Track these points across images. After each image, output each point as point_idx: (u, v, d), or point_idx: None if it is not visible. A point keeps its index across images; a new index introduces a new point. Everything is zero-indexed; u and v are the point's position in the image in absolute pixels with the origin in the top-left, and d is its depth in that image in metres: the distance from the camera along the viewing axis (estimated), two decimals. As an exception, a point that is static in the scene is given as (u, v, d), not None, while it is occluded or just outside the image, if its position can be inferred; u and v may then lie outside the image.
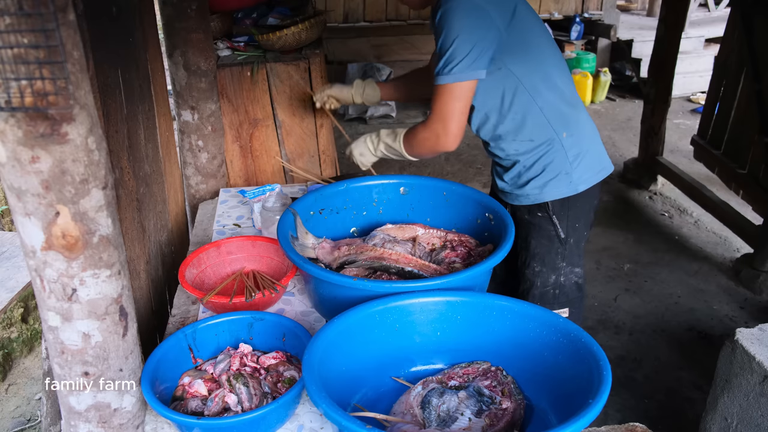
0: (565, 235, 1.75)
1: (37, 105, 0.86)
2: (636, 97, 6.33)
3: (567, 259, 1.78)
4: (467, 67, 1.51)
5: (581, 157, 1.71)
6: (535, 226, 1.77)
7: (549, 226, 1.75)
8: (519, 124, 1.67)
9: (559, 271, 1.79)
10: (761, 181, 3.35)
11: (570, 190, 1.71)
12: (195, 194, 2.49)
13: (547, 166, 1.70)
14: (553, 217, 1.74)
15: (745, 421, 1.78)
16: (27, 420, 2.55)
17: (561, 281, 1.80)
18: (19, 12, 0.80)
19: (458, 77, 1.52)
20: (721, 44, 3.80)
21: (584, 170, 1.72)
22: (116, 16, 1.69)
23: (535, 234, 1.77)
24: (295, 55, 2.73)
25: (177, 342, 1.36)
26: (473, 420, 1.18)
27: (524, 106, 1.64)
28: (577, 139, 1.70)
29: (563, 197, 1.72)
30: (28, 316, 2.94)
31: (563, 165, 1.69)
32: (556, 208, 1.73)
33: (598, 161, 1.76)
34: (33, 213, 0.97)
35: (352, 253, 1.59)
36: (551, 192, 1.71)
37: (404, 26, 6.62)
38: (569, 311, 1.84)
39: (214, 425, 1.17)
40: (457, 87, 1.54)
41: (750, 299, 3.23)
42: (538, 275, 1.79)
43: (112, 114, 1.59)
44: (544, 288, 1.80)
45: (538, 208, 1.75)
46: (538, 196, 1.73)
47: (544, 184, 1.71)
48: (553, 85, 1.67)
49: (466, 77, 1.52)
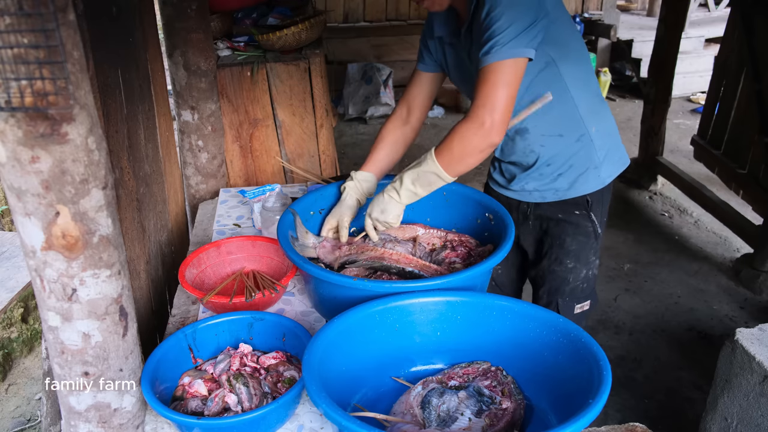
0: (601, 230, 1.76)
1: (37, 105, 0.86)
2: (636, 97, 6.33)
3: (596, 253, 1.79)
4: (519, 44, 1.35)
5: (607, 151, 1.69)
6: (572, 224, 1.73)
7: (587, 222, 1.73)
8: (548, 117, 1.59)
9: (590, 266, 1.79)
10: (761, 181, 3.35)
11: (599, 184, 1.69)
12: (195, 194, 2.49)
13: (576, 161, 1.66)
14: (592, 214, 1.72)
15: (745, 421, 1.78)
16: (27, 420, 2.55)
17: (589, 275, 1.79)
18: (19, 12, 0.80)
19: (509, 53, 1.35)
20: (721, 44, 3.80)
21: (610, 164, 1.70)
22: (116, 16, 1.69)
23: (571, 231, 1.73)
24: (295, 55, 2.74)
25: (177, 342, 1.36)
26: (473, 420, 1.18)
27: (558, 99, 1.56)
28: (605, 134, 1.68)
29: (593, 191, 1.69)
30: (28, 316, 2.94)
31: (592, 159, 1.66)
32: (594, 205, 1.71)
33: (620, 154, 1.75)
34: (33, 213, 0.97)
35: (353, 253, 1.59)
36: (581, 187, 1.69)
37: (404, 26, 6.62)
38: (590, 303, 1.84)
39: (214, 425, 1.17)
40: (508, 65, 1.35)
41: (750, 299, 3.23)
42: (571, 271, 1.77)
43: (112, 114, 1.59)
44: (575, 283, 1.78)
45: (575, 206, 1.71)
46: (566, 192, 1.70)
47: (575, 180, 1.68)
48: (589, 78, 1.63)
49: (518, 54, 1.35)
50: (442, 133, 5.21)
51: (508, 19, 1.34)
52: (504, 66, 1.35)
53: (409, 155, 1.92)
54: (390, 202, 1.52)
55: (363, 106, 5.76)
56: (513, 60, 1.35)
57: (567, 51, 1.55)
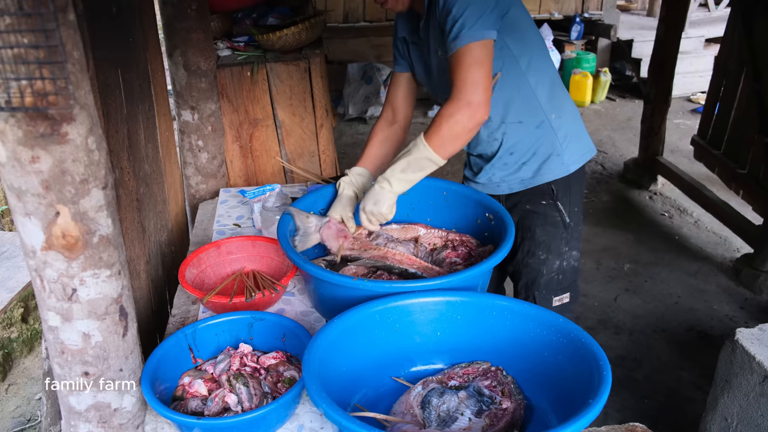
0: (569, 220, 1.76)
1: (37, 105, 0.86)
2: (636, 97, 6.33)
3: (569, 244, 1.80)
4: (484, 27, 1.43)
5: (569, 138, 1.71)
6: (539, 214, 1.76)
7: (554, 212, 1.75)
8: (507, 104, 1.64)
9: (563, 256, 1.79)
10: (761, 181, 3.35)
11: (563, 171, 1.71)
12: (195, 194, 2.49)
13: (538, 149, 1.69)
14: (558, 203, 1.74)
15: (745, 421, 1.78)
16: (27, 420, 2.55)
17: (564, 266, 1.80)
18: (19, 12, 0.80)
19: (477, 35, 1.42)
20: (721, 44, 3.80)
21: (573, 151, 1.73)
22: (116, 16, 1.69)
23: (539, 222, 1.76)
24: (295, 55, 2.74)
25: (177, 342, 1.36)
26: (473, 420, 1.18)
27: (516, 86, 1.62)
28: (565, 121, 1.71)
29: (559, 178, 1.72)
30: (28, 316, 2.94)
31: (554, 146, 1.69)
32: (560, 194, 1.73)
33: (584, 143, 1.77)
34: (33, 213, 0.97)
35: (356, 249, 1.59)
36: (545, 175, 1.71)
37: (404, 26, 6.60)
38: (570, 295, 1.84)
39: (214, 425, 1.17)
40: (478, 46, 1.43)
41: (750, 299, 3.23)
42: (544, 263, 1.79)
43: (112, 114, 1.59)
44: (549, 275, 1.80)
45: (542, 196, 1.74)
46: (531, 180, 1.73)
47: (538, 168, 1.71)
48: (546, 65, 1.66)
49: (484, 36, 1.43)
50: (442, 133, 5.23)
51: (465, 3, 1.42)
52: (474, 47, 1.43)
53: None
54: (381, 192, 1.54)
55: (363, 106, 5.75)
56: (481, 42, 1.43)
57: (522, 37, 1.59)
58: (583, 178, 1.80)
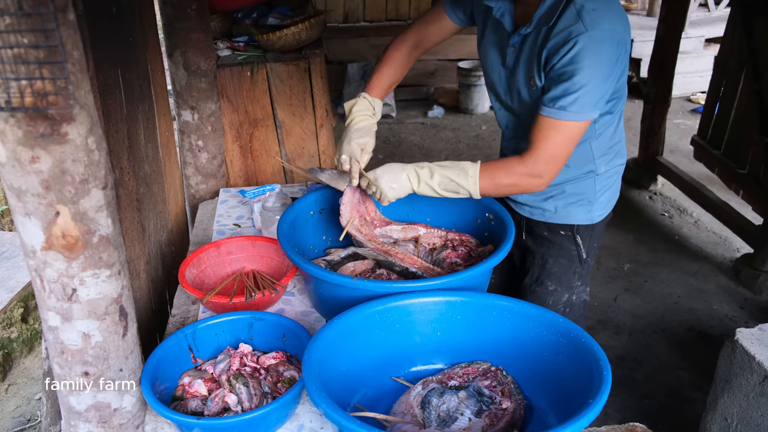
0: (586, 256, 1.71)
1: (37, 105, 0.86)
2: (636, 97, 6.32)
3: (582, 279, 1.74)
4: (592, 108, 1.36)
5: (605, 190, 1.66)
6: (555, 244, 1.70)
7: (571, 246, 1.69)
8: None
9: (573, 291, 1.74)
10: (761, 181, 3.35)
11: (587, 219, 1.66)
12: (195, 194, 2.49)
13: (570, 189, 1.64)
14: (577, 238, 1.68)
15: (745, 421, 1.78)
16: (27, 420, 2.55)
17: (573, 300, 1.75)
18: (19, 12, 0.80)
19: (582, 116, 1.35)
20: (721, 44, 3.80)
21: (605, 202, 1.68)
22: (116, 16, 1.69)
23: (554, 253, 1.70)
24: (295, 55, 2.73)
25: (177, 342, 1.36)
26: (473, 420, 1.18)
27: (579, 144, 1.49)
28: (610, 174, 1.65)
29: (580, 225, 1.66)
30: (28, 316, 2.94)
31: (588, 194, 1.64)
32: (581, 229, 1.67)
33: (617, 192, 1.72)
34: (33, 213, 0.97)
35: (363, 233, 1.57)
36: (569, 217, 1.66)
37: (404, 26, 6.56)
38: None
39: (214, 425, 1.17)
40: (576, 126, 1.36)
41: (750, 299, 3.23)
42: (551, 294, 1.73)
43: (112, 114, 1.59)
44: (555, 307, 1.73)
45: (562, 227, 1.68)
46: (553, 216, 1.67)
47: (564, 207, 1.66)
48: (618, 115, 1.58)
49: (588, 117, 1.37)
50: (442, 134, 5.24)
51: (590, 75, 1.32)
52: (573, 126, 1.37)
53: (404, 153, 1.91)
54: (405, 182, 1.44)
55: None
56: (583, 122, 1.38)
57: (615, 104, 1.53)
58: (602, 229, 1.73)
